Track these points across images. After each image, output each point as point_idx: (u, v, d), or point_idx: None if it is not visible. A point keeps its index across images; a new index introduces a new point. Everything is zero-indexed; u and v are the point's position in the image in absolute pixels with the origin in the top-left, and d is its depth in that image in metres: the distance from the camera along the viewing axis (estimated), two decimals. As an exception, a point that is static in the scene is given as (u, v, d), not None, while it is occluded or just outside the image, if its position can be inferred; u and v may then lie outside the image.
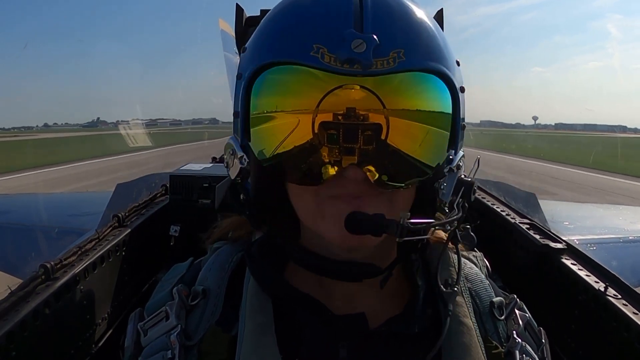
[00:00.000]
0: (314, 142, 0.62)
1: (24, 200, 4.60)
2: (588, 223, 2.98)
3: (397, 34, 0.63)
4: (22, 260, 2.23)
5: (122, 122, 42.64)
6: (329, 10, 0.63)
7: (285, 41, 0.65)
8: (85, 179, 14.74)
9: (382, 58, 0.60)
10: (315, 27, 0.63)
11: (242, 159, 0.71)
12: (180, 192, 2.12)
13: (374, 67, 0.60)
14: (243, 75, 0.68)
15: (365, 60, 0.59)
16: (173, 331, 0.69)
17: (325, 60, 0.60)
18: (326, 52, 0.60)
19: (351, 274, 0.69)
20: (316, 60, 0.60)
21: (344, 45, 0.59)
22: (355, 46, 0.59)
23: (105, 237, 1.57)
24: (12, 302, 1.06)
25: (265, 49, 0.67)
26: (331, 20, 0.62)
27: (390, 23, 0.63)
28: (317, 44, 0.61)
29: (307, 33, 0.62)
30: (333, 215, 0.64)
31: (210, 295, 0.73)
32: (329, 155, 0.62)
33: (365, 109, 0.61)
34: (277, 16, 0.70)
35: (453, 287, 0.74)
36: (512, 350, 0.71)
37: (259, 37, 0.70)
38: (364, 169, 0.62)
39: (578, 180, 16.46)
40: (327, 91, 0.60)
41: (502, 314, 0.76)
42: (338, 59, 0.60)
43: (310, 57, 0.61)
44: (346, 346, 0.68)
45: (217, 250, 0.81)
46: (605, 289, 1.19)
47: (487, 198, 2.14)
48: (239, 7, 1.66)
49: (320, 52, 0.60)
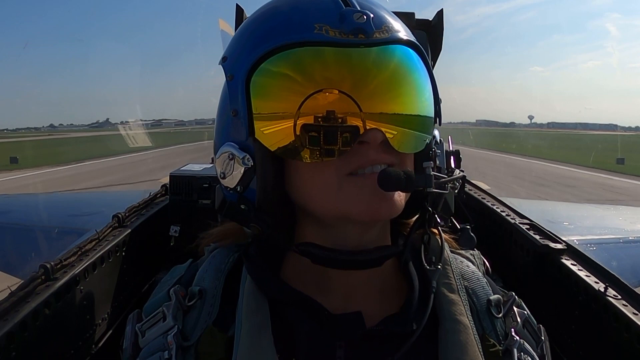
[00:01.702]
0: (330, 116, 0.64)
1: (24, 200, 4.60)
2: (588, 223, 2.98)
3: (381, 13, 0.69)
4: (22, 260, 2.23)
5: (130, 123, 43.43)
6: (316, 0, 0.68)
7: (283, 26, 0.68)
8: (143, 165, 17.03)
9: (377, 30, 0.66)
10: (311, 11, 0.67)
11: (244, 159, 0.69)
12: (180, 192, 2.12)
13: (374, 36, 0.65)
14: (237, 74, 0.68)
15: (369, 28, 0.65)
16: (170, 332, 0.69)
17: (330, 35, 0.64)
18: (329, 28, 0.64)
19: (371, 260, 0.69)
20: (322, 36, 0.64)
21: (347, 19, 0.65)
22: (357, 18, 0.65)
23: (105, 238, 1.57)
24: (12, 302, 1.06)
25: (259, 40, 0.68)
26: (324, 5, 0.67)
27: (371, 5, 0.69)
28: (318, 23, 0.65)
29: (305, 16, 0.66)
30: (357, 188, 0.65)
31: (207, 295, 0.73)
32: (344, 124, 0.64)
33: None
34: (262, 14, 0.73)
35: (437, 265, 0.75)
36: (510, 348, 0.71)
37: (249, 33, 0.72)
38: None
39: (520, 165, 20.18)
40: (334, 67, 0.64)
41: (500, 312, 0.76)
42: (343, 31, 0.64)
43: (316, 35, 0.64)
44: (343, 346, 0.68)
45: (214, 251, 0.82)
46: (605, 289, 1.19)
47: (487, 198, 2.14)
48: (239, 7, 1.66)
49: (323, 29, 0.64)
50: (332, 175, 0.65)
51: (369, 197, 0.64)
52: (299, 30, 0.65)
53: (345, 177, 0.65)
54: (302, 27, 0.65)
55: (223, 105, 0.73)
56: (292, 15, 0.68)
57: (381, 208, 0.65)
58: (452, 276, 0.77)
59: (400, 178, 0.63)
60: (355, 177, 0.65)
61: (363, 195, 0.64)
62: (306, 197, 0.68)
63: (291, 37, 0.65)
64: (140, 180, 12.63)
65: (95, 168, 18.97)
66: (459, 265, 0.81)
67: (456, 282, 0.77)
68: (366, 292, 0.73)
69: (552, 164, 22.33)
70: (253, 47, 0.68)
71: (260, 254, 0.76)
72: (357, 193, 0.65)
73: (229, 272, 0.76)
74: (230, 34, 3.71)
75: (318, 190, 0.66)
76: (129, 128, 39.38)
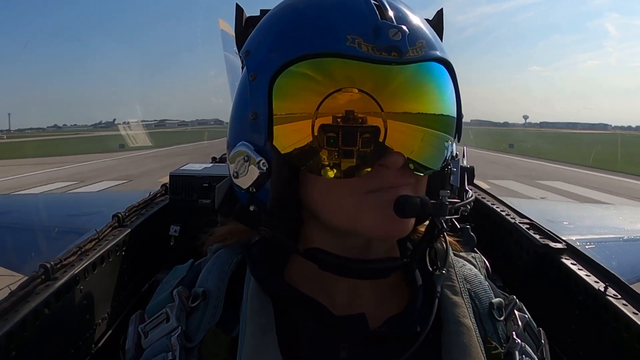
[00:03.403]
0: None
1: (24, 200, 4.60)
2: (588, 223, 2.98)
3: (416, 27, 0.67)
4: (22, 260, 2.23)
5: (131, 123, 45.19)
6: (355, 6, 0.65)
7: (315, 32, 0.65)
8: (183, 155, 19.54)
9: (413, 47, 0.64)
10: (344, 18, 0.64)
11: (260, 164, 0.68)
12: (180, 192, 2.12)
13: (408, 55, 0.63)
14: (261, 75, 0.66)
15: (403, 47, 0.62)
16: (173, 333, 0.69)
17: (363, 50, 0.62)
18: (362, 42, 0.62)
19: (377, 270, 0.70)
20: (354, 50, 0.62)
21: (382, 34, 0.62)
22: (392, 34, 0.62)
23: (105, 237, 1.57)
24: (12, 302, 1.06)
25: (294, 42, 0.66)
26: (360, 13, 0.64)
27: (407, 16, 0.67)
28: (351, 34, 0.62)
29: (338, 23, 0.64)
30: (377, 206, 0.65)
31: (211, 297, 0.73)
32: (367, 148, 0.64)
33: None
34: (294, 14, 0.70)
35: (441, 269, 0.75)
36: (511, 350, 0.71)
37: (277, 32, 0.69)
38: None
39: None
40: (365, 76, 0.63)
41: (502, 315, 0.76)
42: (377, 47, 0.62)
43: (347, 47, 0.62)
44: (347, 347, 0.68)
45: (217, 252, 0.81)
46: (605, 289, 1.19)
47: (487, 198, 2.14)
48: (239, 7, 1.66)
49: (356, 42, 0.62)
50: (349, 192, 0.65)
51: (384, 217, 0.64)
52: (332, 40, 0.63)
53: (362, 195, 0.65)
54: (335, 36, 0.63)
55: (241, 104, 0.71)
56: (325, 19, 0.65)
57: (394, 229, 0.66)
58: (456, 279, 0.78)
59: (416, 205, 0.63)
60: (373, 196, 0.65)
61: (378, 214, 0.65)
62: (321, 206, 0.68)
63: (324, 46, 0.63)
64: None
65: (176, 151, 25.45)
66: (461, 268, 0.81)
67: (459, 284, 0.77)
68: (370, 293, 0.73)
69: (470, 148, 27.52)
70: (281, 50, 0.66)
71: (264, 255, 0.76)
72: (373, 212, 0.65)
73: (233, 273, 0.76)
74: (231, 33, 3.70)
75: (334, 203, 0.67)
76: (129, 128, 40.85)
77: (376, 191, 0.65)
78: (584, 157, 24.44)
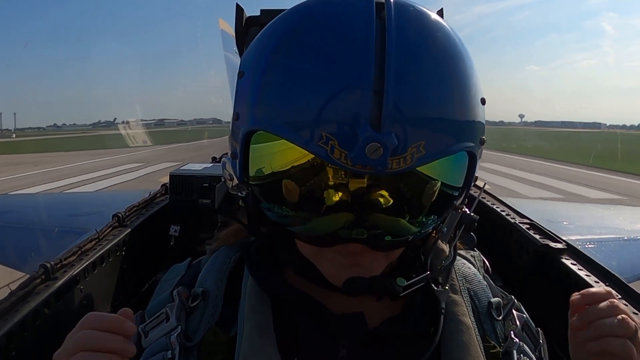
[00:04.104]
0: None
1: (24, 200, 4.60)
2: (588, 223, 2.98)
3: (420, 126, 0.56)
4: (22, 260, 2.23)
5: (132, 122, 46.40)
6: (343, 83, 0.55)
7: (289, 116, 0.58)
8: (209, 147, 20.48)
9: (398, 157, 0.55)
10: (325, 108, 0.55)
11: (239, 188, 0.68)
12: (180, 192, 2.12)
13: (389, 169, 0.55)
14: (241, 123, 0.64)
15: (380, 165, 0.54)
16: (173, 332, 0.69)
17: (335, 156, 0.55)
18: (336, 145, 0.54)
19: (364, 290, 0.69)
20: (324, 153, 0.55)
21: (358, 147, 0.53)
22: (370, 152, 0.53)
23: (105, 237, 1.57)
24: (12, 302, 1.06)
25: (265, 112, 0.61)
26: (345, 104, 0.55)
27: (414, 109, 0.56)
28: (326, 133, 0.55)
29: (316, 114, 0.55)
30: (333, 266, 0.67)
31: (210, 296, 0.73)
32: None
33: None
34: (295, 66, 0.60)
35: (444, 285, 0.75)
36: (509, 350, 0.71)
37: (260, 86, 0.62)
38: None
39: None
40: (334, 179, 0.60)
41: (500, 315, 0.76)
42: (349, 158, 0.54)
43: (317, 147, 0.55)
44: (346, 346, 0.68)
45: (216, 251, 0.82)
46: None
47: (487, 198, 2.14)
48: (239, 7, 1.66)
49: (329, 144, 0.55)
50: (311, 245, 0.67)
51: (342, 275, 0.66)
52: (305, 133, 0.56)
53: (326, 250, 0.66)
54: (310, 129, 0.56)
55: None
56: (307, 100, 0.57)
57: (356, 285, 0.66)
58: (455, 277, 0.78)
59: (365, 287, 0.65)
60: (332, 252, 0.66)
61: (336, 271, 0.67)
62: (296, 240, 0.70)
63: (295, 137, 0.57)
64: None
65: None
66: (461, 268, 0.81)
67: (459, 283, 0.77)
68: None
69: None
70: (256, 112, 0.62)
71: (262, 254, 0.76)
72: (332, 268, 0.67)
73: (231, 272, 0.77)
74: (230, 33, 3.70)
75: (300, 243, 0.69)
76: (129, 128, 41.77)
77: (336, 251, 0.66)
78: (548, 151, 26.06)
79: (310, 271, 0.71)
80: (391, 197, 0.60)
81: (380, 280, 0.66)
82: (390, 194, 0.60)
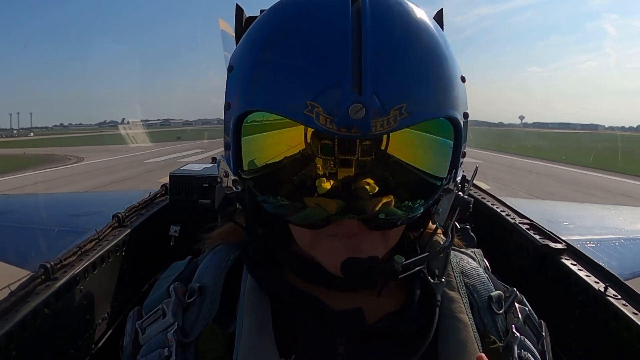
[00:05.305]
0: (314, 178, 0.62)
1: (24, 200, 4.60)
2: (588, 223, 2.98)
3: (400, 87, 0.58)
4: (22, 261, 2.23)
5: (139, 122, 47.92)
6: (323, 55, 0.58)
7: (276, 91, 0.61)
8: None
9: (381, 118, 0.57)
10: (309, 81, 0.58)
11: (235, 183, 0.69)
12: (180, 192, 2.12)
13: (373, 131, 0.57)
14: (232, 110, 0.65)
15: (364, 126, 0.56)
16: (170, 329, 0.69)
17: (320, 122, 0.57)
18: (322, 112, 0.57)
19: (349, 286, 0.71)
20: (310, 121, 0.57)
21: (341, 110, 0.56)
22: (353, 113, 0.55)
23: (105, 237, 1.57)
24: (12, 302, 1.06)
25: (254, 93, 0.63)
26: (327, 73, 0.58)
27: (392, 72, 0.58)
28: (311, 102, 0.57)
29: (300, 87, 0.58)
30: (330, 252, 0.66)
31: (207, 292, 0.73)
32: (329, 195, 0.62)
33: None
34: (267, 48, 0.64)
35: (440, 278, 0.75)
36: (510, 344, 0.70)
37: (251, 67, 0.64)
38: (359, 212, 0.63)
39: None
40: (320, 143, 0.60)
41: (501, 308, 0.76)
42: (334, 122, 0.56)
43: (304, 116, 0.57)
44: (344, 342, 0.68)
45: (215, 248, 0.82)
46: (605, 289, 1.19)
47: (487, 198, 2.14)
48: (239, 7, 1.66)
49: (315, 112, 0.57)
50: (308, 232, 0.67)
51: (338, 260, 0.65)
52: (291, 105, 0.59)
53: (323, 237, 0.66)
54: (295, 100, 0.58)
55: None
56: (291, 76, 0.60)
57: (354, 266, 0.65)
58: (452, 274, 0.77)
59: (363, 268, 0.63)
60: (333, 239, 0.66)
61: (332, 256, 0.66)
62: (292, 231, 0.70)
63: (283, 109, 0.60)
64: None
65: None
66: (459, 262, 0.81)
67: (456, 279, 0.77)
68: (367, 289, 0.73)
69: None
70: (246, 95, 0.64)
71: (260, 252, 0.76)
72: (328, 254, 0.67)
73: (230, 269, 0.77)
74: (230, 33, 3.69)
75: (299, 234, 0.69)
76: (132, 127, 43.15)
77: (333, 236, 0.66)
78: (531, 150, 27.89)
79: (307, 270, 0.71)
80: (377, 184, 0.62)
81: (379, 262, 0.64)
82: (376, 181, 0.62)
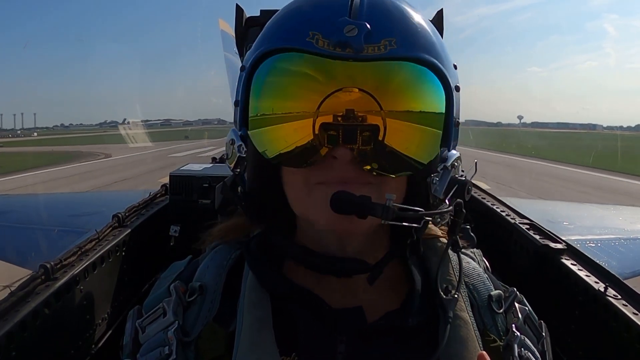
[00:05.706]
0: (314, 142, 0.64)
1: (24, 200, 4.60)
2: (588, 223, 2.99)
3: (390, 24, 0.66)
4: (22, 261, 2.23)
5: (140, 123, 49.03)
6: (327, 3, 0.67)
7: (282, 30, 0.70)
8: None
9: (373, 44, 0.63)
10: (312, 16, 0.67)
11: (240, 147, 0.72)
12: (180, 192, 2.12)
13: (365, 52, 0.63)
14: (245, 67, 0.72)
15: (356, 43, 0.62)
16: (170, 327, 0.69)
17: (319, 45, 0.64)
18: (320, 37, 0.64)
19: (341, 270, 0.70)
20: (311, 45, 0.64)
21: (336, 31, 0.63)
22: (347, 31, 0.62)
23: (105, 237, 1.57)
24: (12, 302, 1.06)
25: (265, 39, 0.71)
26: (327, 10, 0.66)
27: (384, 14, 0.66)
28: (312, 31, 0.64)
29: (304, 21, 0.67)
30: (321, 198, 0.65)
31: (208, 291, 0.73)
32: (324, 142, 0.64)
33: (363, 111, 0.63)
34: (280, 13, 0.74)
35: (453, 294, 0.72)
36: (510, 343, 0.71)
37: (261, 33, 0.75)
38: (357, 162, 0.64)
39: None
40: (326, 94, 0.63)
41: (501, 307, 0.76)
42: (331, 42, 0.63)
43: (306, 42, 0.64)
44: (344, 340, 0.68)
45: (215, 248, 0.82)
46: (605, 289, 1.19)
47: (487, 198, 2.14)
48: (239, 8, 1.66)
49: (315, 38, 0.64)
50: (303, 183, 0.68)
51: (328, 210, 0.64)
52: (295, 36, 0.66)
53: (312, 186, 0.67)
54: (300, 33, 0.65)
55: (235, 95, 0.76)
56: (297, 17, 0.70)
57: (342, 223, 0.65)
58: (453, 272, 0.77)
59: (352, 203, 0.62)
60: (319, 188, 0.66)
61: (322, 207, 0.65)
62: (288, 195, 0.71)
63: (287, 41, 0.67)
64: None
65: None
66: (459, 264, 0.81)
67: (456, 278, 0.77)
68: (367, 288, 0.73)
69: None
70: (255, 47, 0.72)
71: (261, 250, 0.76)
72: (319, 205, 0.66)
73: (231, 268, 0.77)
74: (230, 33, 3.70)
75: (292, 192, 0.70)
76: (132, 127, 43.78)
77: (323, 183, 0.66)
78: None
79: (309, 258, 0.71)
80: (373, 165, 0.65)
81: (370, 200, 0.62)
82: (370, 161, 0.65)
